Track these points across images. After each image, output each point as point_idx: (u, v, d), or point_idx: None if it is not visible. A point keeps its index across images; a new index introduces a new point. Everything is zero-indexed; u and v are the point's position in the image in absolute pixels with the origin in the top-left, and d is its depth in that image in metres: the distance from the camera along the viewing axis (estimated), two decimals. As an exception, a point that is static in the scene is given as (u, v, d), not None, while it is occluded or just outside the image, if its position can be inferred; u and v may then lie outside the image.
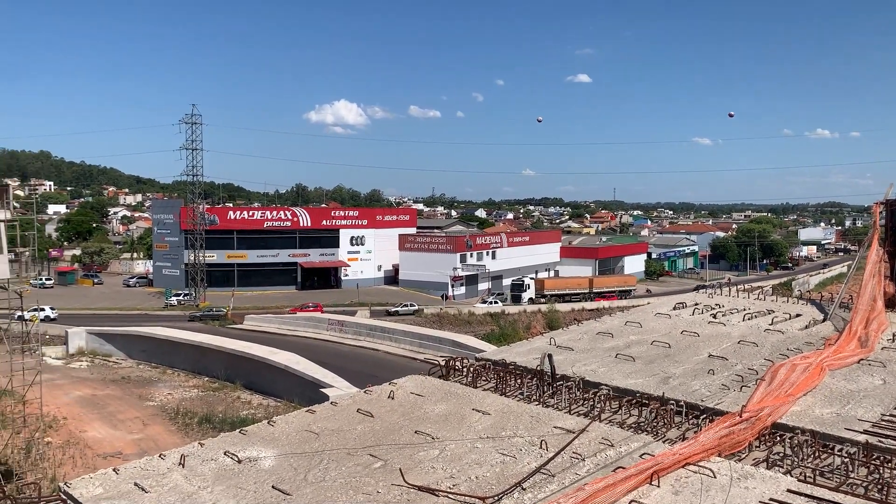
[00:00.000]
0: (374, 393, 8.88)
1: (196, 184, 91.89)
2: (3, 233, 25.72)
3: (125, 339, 55.69)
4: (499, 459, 6.92)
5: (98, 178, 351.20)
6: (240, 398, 43.13)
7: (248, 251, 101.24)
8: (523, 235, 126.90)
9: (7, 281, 29.96)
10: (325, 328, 65.74)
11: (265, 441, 7.12)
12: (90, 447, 33.97)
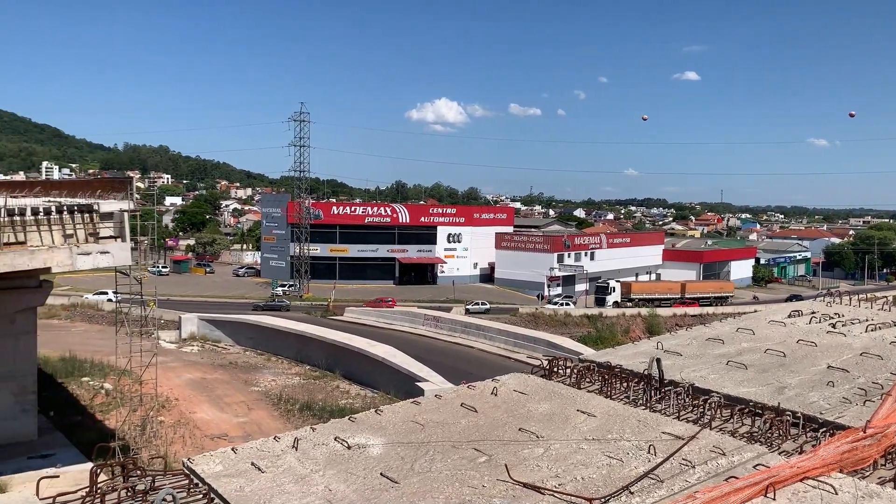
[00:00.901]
0: (478, 389, 8.92)
1: (303, 179, 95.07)
2: (126, 222, 27.31)
3: (233, 326, 58.29)
4: (605, 462, 6.80)
5: (212, 172, 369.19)
6: (339, 387, 44.25)
7: (349, 245, 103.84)
8: (624, 237, 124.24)
9: (129, 268, 31.90)
10: (421, 323, 66.59)
11: (373, 429, 7.28)
12: (199, 428, 35.68)
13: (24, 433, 31.49)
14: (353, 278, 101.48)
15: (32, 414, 32.13)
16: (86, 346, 50.97)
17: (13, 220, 25.23)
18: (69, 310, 69.66)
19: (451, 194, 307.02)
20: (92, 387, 40.65)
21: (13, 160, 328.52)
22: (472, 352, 57.08)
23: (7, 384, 31.25)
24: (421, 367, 42.78)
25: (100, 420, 35.55)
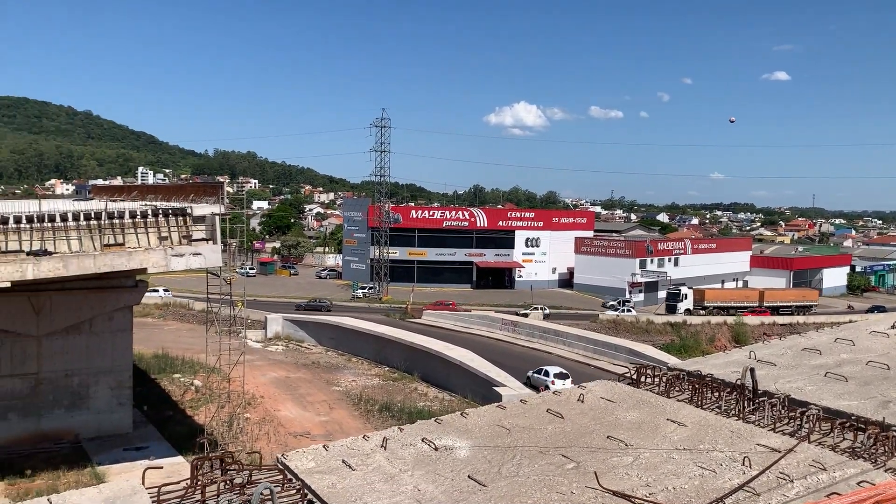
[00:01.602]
0: (564, 395, 8.82)
1: (383, 184, 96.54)
2: (218, 225, 28.39)
3: (316, 326, 59.69)
4: (697, 472, 6.60)
5: (296, 177, 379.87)
6: (417, 389, 44.63)
7: (427, 249, 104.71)
8: (709, 242, 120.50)
9: (219, 269, 33.12)
10: (498, 328, 66.44)
11: (459, 432, 7.30)
12: (283, 425, 36.63)
13: (120, 426, 33.18)
14: (430, 282, 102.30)
15: (128, 408, 33.80)
16: (177, 343, 53.25)
17: (113, 223, 26.63)
18: (162, 309, 72.97)
19: (529, 198, 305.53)
20: (183, 383, 42.39)
21: (112, 165, 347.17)
22: (551, 358, 56.49)
23: (105, 378, 32.99)
24: (499, 372, 42.67)
25: (190, 415, 36.99)
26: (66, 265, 24.52)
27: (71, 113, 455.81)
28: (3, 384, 30.70)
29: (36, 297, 30.35)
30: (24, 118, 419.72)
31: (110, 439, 32.14)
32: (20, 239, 24.62)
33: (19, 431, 30.97)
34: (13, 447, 30.26)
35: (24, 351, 31.05)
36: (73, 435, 31.90)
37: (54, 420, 31.80)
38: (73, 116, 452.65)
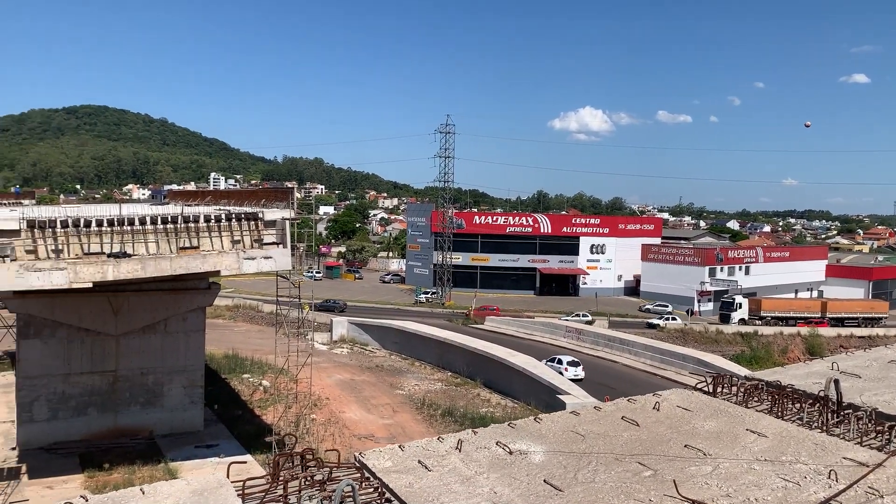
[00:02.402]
0: (638, 403, 8.67)
1: (446, 189, 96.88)
2: (288, 229, 29.00)
3: (380, 330, 60.30)
4: (780, 484, 6.38)
5: (361, 182, 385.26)
6: (479, 395, 44.54)
7: (490, 255, 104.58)
8: (782, 250, 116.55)
9: (289, 272, 33.83)
10: (562, 335, 65.78)
11: (533, 437, 7.26)
12: (347, 427, 37.09)
13: (192, 423, 34.18)
14: (493, 287, 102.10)
15: (200, 406, 34.81)
16: (247, 344, 54.59)
17: (188, 227, 27.51)
18: (232, 310, 75.00)
19: (594, 204, 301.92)
20: (252, 383, 43.42)
21: (185, 171, 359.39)
22: (616, 366, 55.63)
23: (179, 377, 34.06)
24: (563, 380, 42.24)
25: (258, 415, 37.83)
26: (144, 267, 25.43)
27: (147, 120, 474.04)
28: (84, 380, 32.04)
29: (115, 298, 31.59)
30: (104, 126, 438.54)
31: (182, 436, 33.14)
32: (101, 241, 25.67)
33: (98, 426, 32.26)
34: (92, 441, 31.54)
35: (104, 349, 32.34)
36: (147, 431, 33.04)
37: (130, 416, 33.00)
38: (149, 124, 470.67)
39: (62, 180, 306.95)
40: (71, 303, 30.54)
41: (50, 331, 31.16)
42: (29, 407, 31.10)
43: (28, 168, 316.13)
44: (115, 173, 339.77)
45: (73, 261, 24.41)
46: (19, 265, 23.38)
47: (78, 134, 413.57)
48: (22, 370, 31.37)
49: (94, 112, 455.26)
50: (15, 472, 28.22)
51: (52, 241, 24.84)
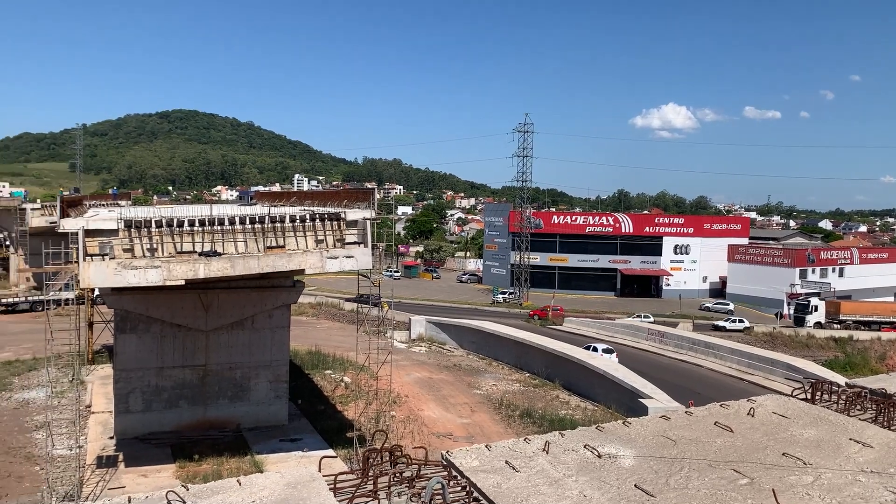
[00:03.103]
0: (732, 408, 8.34)
1: (524, 189, 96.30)
2: (369, 229, 29.40)
3: (458, 329, 60.46)
4: (890, 498, 6.01)
5: (439, 183, 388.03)
6: (558, 397, 44.02)
7: (569, 255, 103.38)
8: (880, 251, 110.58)
9: (369, 271, 34.35)
10: (644, 338, 64.35)
11: (622, 440, 7.08)
12: (426, 425, 37.31)
13: (277, 418, 35.15)
14: (572, 288, 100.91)
15: (284, 400, 35.75)
16: (329, 341, 55.77)
17: (274, 227, 28.27)
18: (315, 308, 76.77)
19: (677, 203, 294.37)
20: (333, 379, 44.30)
21: (271, 173, 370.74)
22: (700, 371, 53.99)
23: (265, 372, 35.07)
24: (644, 383, 41.22)
25: (340, 410, 38.55)
26: (233, 265, 26.28)
27: (235, 124, 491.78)
28: (177, 374, 33.42)
29: (205, 295, 32.81)
30: (195, 129, 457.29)
31: (267, 430, 34.10)
32: (193, 241, 26.68)
33: (188, 418, 33.58)
34: (183, 432, 32.87)
35: (195, 344, 33.65)
36: (235, 424, 34.17)
37: (219, 409, 34.20)
38: (237, 127, 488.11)
39: (155, 182, 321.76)
40: (164, 299, 31.92)
41: (145, 326, 32.66)
42: (125, 398, 32.68)
43: (124, 170, 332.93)
44: (205, 175, 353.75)
45: (167, 259, 25.47)
46: (117, 263, 24.57)
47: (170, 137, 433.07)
48: (119, 363, 32.99)
49: (186, 116, 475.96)
50: (113, 459, 29.70)
51: (147, 240, 25.99)
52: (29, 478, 28.30)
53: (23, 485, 27.64)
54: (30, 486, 27.42)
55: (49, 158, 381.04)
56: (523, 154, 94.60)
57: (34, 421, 34.90)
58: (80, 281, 24.17)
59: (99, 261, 24.51)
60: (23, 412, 36.68)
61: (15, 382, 42.07)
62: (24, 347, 50.59)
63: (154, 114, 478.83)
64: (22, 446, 31.78)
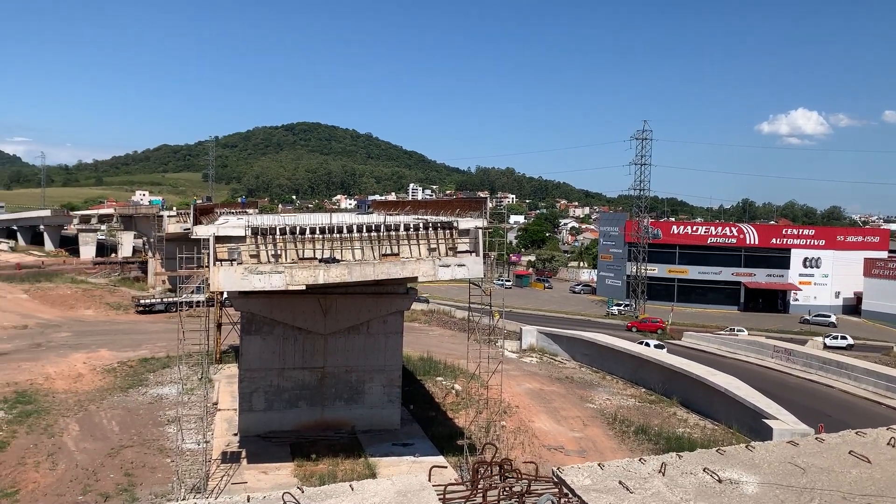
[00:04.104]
0: (869, 436, 7.71)
1: (642, 198, 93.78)
2: (481, 238, 29.48)
3: (570, 341, 59.53)
4: None
5: (552, 192, 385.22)
6: (675, 414, 42.44)
7: (689, 267, 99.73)
8: None
9: (481, 280, 34.46)
10: (769, 355, 60.97)
11: (744, 465, 6.69)
12: (536, 437, 36.90)
13: (389, 422, 35.87)
14: (691, 301, 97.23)
15: (397, 405, 36.42)
16: (440, 348, 56.37)
17: (389, 235, 28.89)
18: (427, 315, 77.91)
19: (806, 213, 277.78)
20: (444, 386, 44.69)
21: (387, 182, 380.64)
22: (832, 392, 50.49)
23: (378, 376, 35.88)
24: (769, 403, 38.99)
25: (450, 417, 38.82)
26: (351, 271, 27.07)
27: (355, 135, 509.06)
28: (296, 375, 34.77)
29: (324, 299, 34.00)
30: (317, 141, 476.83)
31: (380, 433, 34.85)
32: (314, 247, 27.70)
33: (307, 418, 34.85)
34: (301, 432, 34.13)
35: (313, 347, 34.91)
36: (350, 426, 35.14)
37: (335, 411, 35.29)
38: (356, 138, 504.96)
39: (280, 191, 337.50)
40: (287, 303, 33.33)
41: (268, 328, 34.21)
42: (249, 397, 34.32)
43: (252, 180, 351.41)
44: (326, 184, 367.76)
45: (290, 265, 26.56)
46: (244, 268, 25.87)
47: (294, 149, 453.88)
48: (244, 363, 34.71)
49: (309, 129, 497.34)
50: (236, 455, 31.24)
51: (271, 246, 27.22)
52: (161, 469, 30.23)
53: (155, 475, 29.55)
54: (161, 477, 29.27)
55: (184, 169, 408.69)
56: (641, 162, 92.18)
57: (166, 415, 37.30)
58: (210, 284, 25.64)
59: (228, 266, 25.90)
60: (157, 407, 39.30)
61: (150, 378, 45.16)
62: (158, 346, 54.27)
63: (280, 126, 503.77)
64: (155, 439, 34.02)
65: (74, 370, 46.72)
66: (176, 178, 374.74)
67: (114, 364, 48.74)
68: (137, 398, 40.90)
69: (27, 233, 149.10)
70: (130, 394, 41.64)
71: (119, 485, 28.32)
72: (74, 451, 31.92)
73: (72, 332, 61.84)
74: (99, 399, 40.31)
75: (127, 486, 28.15)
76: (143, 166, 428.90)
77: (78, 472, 29.52)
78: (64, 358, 50.15)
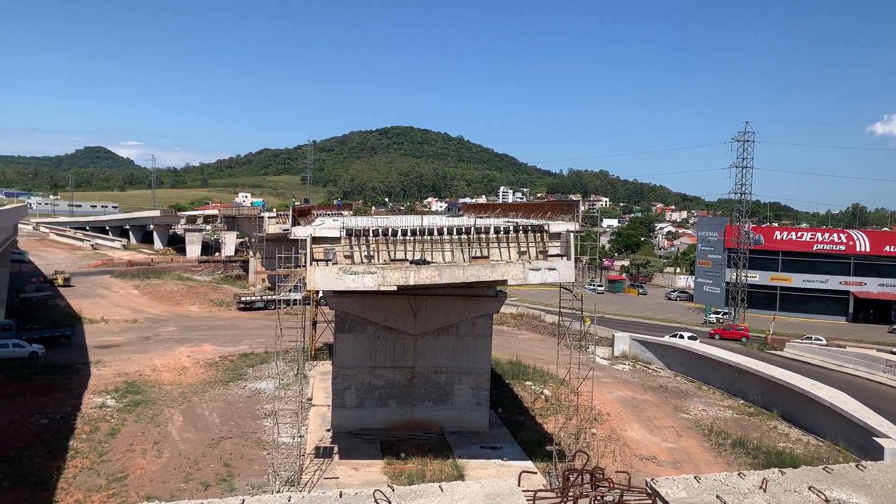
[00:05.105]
0: None
1: (743, 202, 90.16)
2: (572, 242, 29.10)
3: (665, 349, 57.87)
4: None
5: (647, 195, 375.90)
6: (776, 428, 40.56)
7: (792, 274, 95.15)
8: None
9: (572, 284, 33.97)
10: (881, 369, 57.28)
11: (854, 486, 6.30)
12: (628, 446, 36.07)
13: (477, 424, 35.93)
14: (795, 311, 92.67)
15: (485, 408, 36.43)
16: (530, 352, 55.99)
17: (479, 237, 28.94)
18: (516, 318, 77.54)
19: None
20: (533, 391, 44.35)
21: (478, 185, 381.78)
22: (953, 411, 46.90)
23: (467, 378, 36.00)
24: (881, 421, 36.62)
25: (539, 423, 38.49)
26: (441, 273, 27.30)
27: (446, 139, 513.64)
28: (387, 374, 35.36)
29: (414, 300, 34.43)
30: (410, 144, 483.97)
31: (468, 435, 34.94)
32: (405, 249, 28.10)
33: (397, 417, 35.37)
34: (391, 431, 34.66)
35: (404, 347, 35.41)
36: (438, 427, 35.41)
37: (424, 411, 35.66)
38: (448, 142, 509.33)
39: (374, 194, 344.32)
40: (378, 303, 33.96)
41: (360, 327, 34.95)
42: (342, 394, 35.16)
43: (347, 183, 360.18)
44: (417, 187, 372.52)
45: (382, 266, 27.05)
46: (339, 268, 26.54)
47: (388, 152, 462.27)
48: (337, 360, 35.57)
49: (402, 132, 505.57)
50: (328, 451, 32.04)
51: (364, 247, 27.80)
52: (257, 461, 31.39)
53: (252, 467, 30.71)
54: (258, 469, 30.39)
55: (284, 172, 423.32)
56: (742, 165, 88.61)
57: (263, 409, 38.71)
58: (307, 283, 26.44)
59: (323, 265, 26.64)
60: (255, 400, 40.84)
61: (249, 373, 46.99)
62: (258, 342, 56.41)
63: (374, 130, 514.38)
64: (253, 431, 35.36)
65: (179, 363, 49.19)
66: (276, 181, 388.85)
67: (216, 358, 51.01)
68: (237, 391, 42.62)
69: (138, 232, 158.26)
70: (230, 387, 43.45)
71: (218, 475, 29.58)
72: (178, 441, 33.59)
73: (177, 326, 65.14)
74: (201, 391, 42.27)
75: (225, 477, 29.37)
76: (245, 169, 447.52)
77: (181, 460, 31.04)
78: (170, 351, 52.89)
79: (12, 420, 35.37)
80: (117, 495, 27.15)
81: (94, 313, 68.62)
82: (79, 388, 41.57)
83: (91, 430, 34.38)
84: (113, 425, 35.30)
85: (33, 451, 31.36)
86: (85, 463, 30.30)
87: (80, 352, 51.48)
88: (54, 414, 36.62)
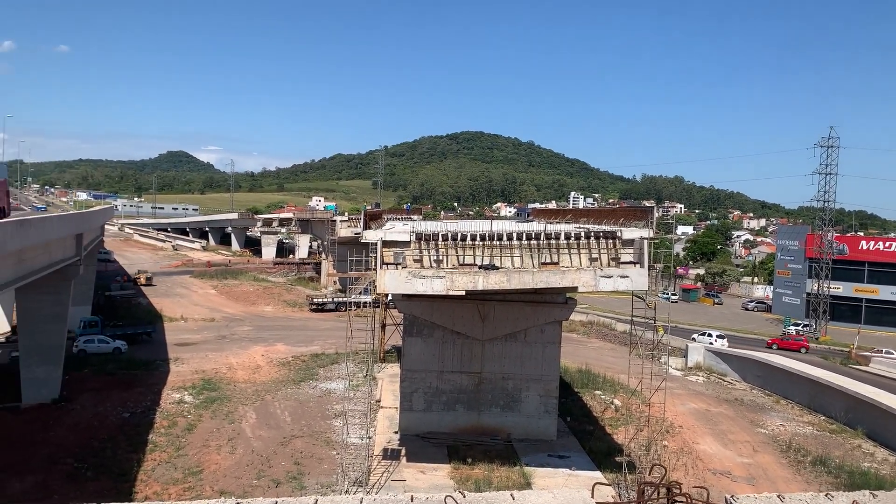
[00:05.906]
0: None
1: (826, 210, 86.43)
2: (646, 249, 28.49)
3: (741, 361, 55.98)
4: None
5: (724, 202, 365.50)
6: (860, 447, 38.66)
7: (880, 286, 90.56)
8: None
9: (644, 292, 33.24)
10: (977, 388, 53.90)
11: (954, 512, 5.91)
12: (701, 459, 35.02)
13: (545, 432, 35.53)
14: (882, 324, 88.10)
15: (554, 416, 36.00)
16: (599, 361, 55.07)
17: (549, 243, 28.65)
18: (586, 326, 76.41)
19: None
20: (603, 400, 43.59)
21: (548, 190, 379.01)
22: None
23: (535, 386, 35.66)
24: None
25: (609, 433, 37.78)
26: (509, 279, 27.15)
27: (516, 144, 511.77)
28: (454, 379, 35.38)
29: (482, 306, 34.35)
30: (480, 150, 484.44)
31: (536, 443, 34.59)
32: (474, 254, 28.08)
33: (464, 422, 35.33)
34: (458, 435, 34.63)
35: (471, 352, 35.36)
36: (505, 433, 35.19)
37: (491, 417, 35.50)
38: (517, 147, 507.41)
39: (443, 198, 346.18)
40: (446, 307, 34.03)
41: (428, 331, 35.10)
42: (409, 397, 35.37)
43: (417, 187, 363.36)
44: (486, 192, 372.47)
45: (450, 270, 27.10)
46: (408, 272, 26.74)
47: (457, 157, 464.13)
48: (405, 363, 35.82)
49: (472, 137, 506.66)
50: (396, 453, 32.26)
51: (433, 252, 27.92)
52: (327, 460, 31.89)
53: (321, 466, 31.21)
54: (327, 468, 30.86)
55: (356, 176, 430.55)
56: (826, 171, 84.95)
57: (333, 409, 39.33)
58: (377, 286, 26.74)
59: (393, 269, 26.90)
60: (325, 400, 41.54)
61: (320, 373, 47.84)
62: (328, 342, 57.39)
63: (444, 136, 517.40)
64: (323, 431, 35.96)
65: (254, 362, 50.53)
66: (348, 185, 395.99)
67: (288, 357, 52.17)
68: (308, 391, 43.46)
69: (217, 234, 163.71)
70: (302, 387, 44.33)
71: (289, 472, 30.19)
72: (251, 438, 34.47)
73: (252, 326, 66.96)
74: (274, 390, 43.28)
75: (296, 475, 29.96)
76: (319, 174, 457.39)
77: (253, 457, 31.84)
78: (245, 350, 54.39)
79: (97, 413, 37.06)
80: (192, 489, 28.03)
81: (173, 312, 71.25)
82: (158, 383, 43.21)
83: (169, 425, 35.66)
84: (190, 421, 36.51)
85: (116, 443, 32.75)
86: (163, 456, 31.43)
87: (161, 349, 53.53)
88: (135, 408, 38.17)
